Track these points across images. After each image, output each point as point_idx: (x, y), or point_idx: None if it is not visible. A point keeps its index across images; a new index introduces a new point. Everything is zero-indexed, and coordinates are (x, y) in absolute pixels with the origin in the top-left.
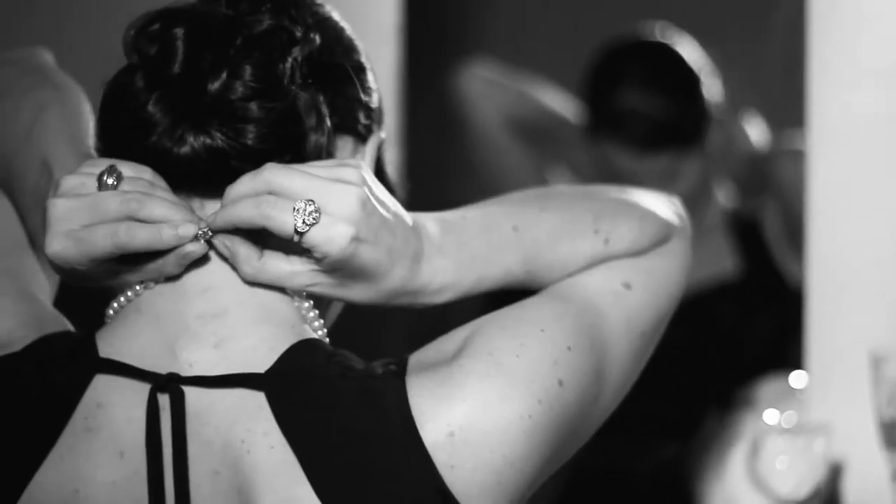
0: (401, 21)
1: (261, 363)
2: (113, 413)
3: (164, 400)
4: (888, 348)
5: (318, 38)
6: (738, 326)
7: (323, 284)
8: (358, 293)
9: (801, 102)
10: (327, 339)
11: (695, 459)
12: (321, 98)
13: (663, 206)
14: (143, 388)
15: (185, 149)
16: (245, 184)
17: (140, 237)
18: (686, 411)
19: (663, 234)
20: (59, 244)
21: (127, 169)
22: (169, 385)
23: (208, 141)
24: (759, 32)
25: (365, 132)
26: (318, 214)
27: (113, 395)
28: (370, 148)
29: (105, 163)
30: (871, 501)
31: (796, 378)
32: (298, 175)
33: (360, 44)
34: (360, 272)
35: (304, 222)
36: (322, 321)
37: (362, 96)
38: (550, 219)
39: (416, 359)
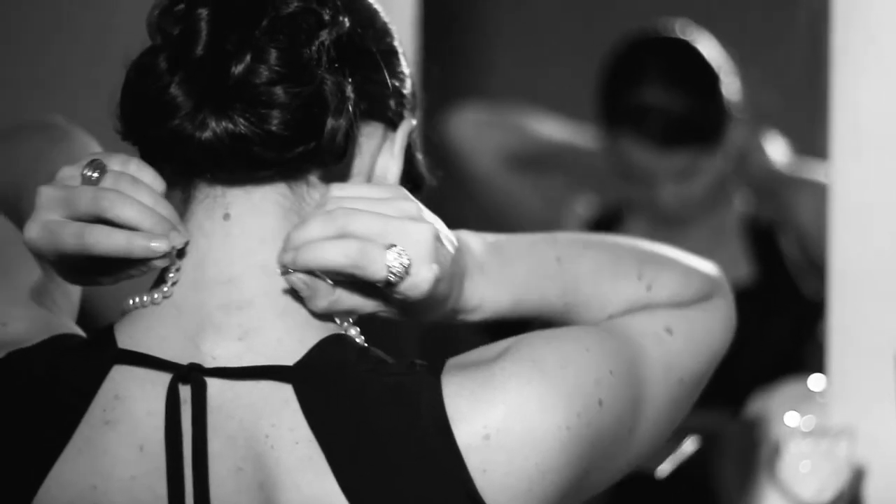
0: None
1: (288, 356)
2: (132, 406)
3: (185, 392)
4: None
5: (347, 21)
6: (754, 330)
7: (389, 311)
8: (419, 316)
9: (823, 103)
10: (354, 332)
11: (715, 463)
12: (349, 83)
13: (705, 267)
14: (163, 380)
15: (207, 134)
16: (317, 228)
17: (104, 244)
18: (703, 414)
19: (705, 291)
20: (34, 231)
21: (114, 163)
22: (191, 375)
23: (230, 126)
24: (781, 32)
25: (396, 118)
26: (409, 265)
27: (132, 387)
28: (400, 134)
29: (91, 156)
30: None
31: (815, 381)
32: (371, 218)
33: (393, 27)
34: (430, 302)
35: (396, 274)
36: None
37: (393, 81)
38: (594, 257)
39: (453, 361)
